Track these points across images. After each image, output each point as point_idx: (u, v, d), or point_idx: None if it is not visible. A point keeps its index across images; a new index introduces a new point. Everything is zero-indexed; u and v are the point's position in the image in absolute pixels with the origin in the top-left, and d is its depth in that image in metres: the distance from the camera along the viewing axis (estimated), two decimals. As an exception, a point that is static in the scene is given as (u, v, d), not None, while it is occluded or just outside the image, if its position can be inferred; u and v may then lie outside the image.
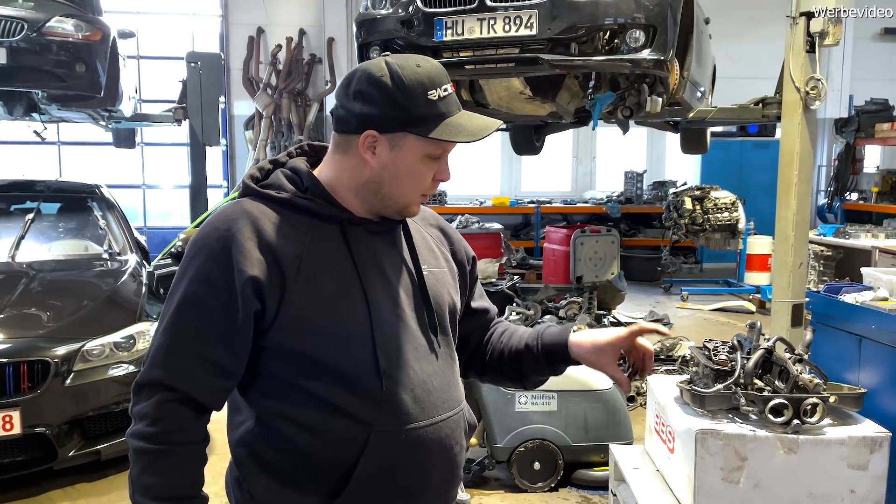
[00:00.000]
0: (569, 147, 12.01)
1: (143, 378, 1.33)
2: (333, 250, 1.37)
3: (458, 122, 1.35)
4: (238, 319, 1.30)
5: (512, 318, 5.41)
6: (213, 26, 10.94)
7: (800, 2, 3.89)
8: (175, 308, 1.33)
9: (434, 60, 1.39)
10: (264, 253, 1.31)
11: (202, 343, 1.31)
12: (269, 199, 1.38)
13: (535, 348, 1.58)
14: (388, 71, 1.33)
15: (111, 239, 5.04)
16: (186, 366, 1.31)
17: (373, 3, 4.45)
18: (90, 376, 3.75)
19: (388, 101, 1.32)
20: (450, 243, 1.60)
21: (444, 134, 1.33)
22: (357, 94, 1.34)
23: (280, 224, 1.35)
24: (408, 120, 1.32)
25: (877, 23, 11.51)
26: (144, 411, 1.31)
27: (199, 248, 1.34)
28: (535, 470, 3.72)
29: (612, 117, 4.92)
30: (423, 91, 1.32)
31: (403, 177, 1.37)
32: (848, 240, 7.73)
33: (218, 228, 1.33)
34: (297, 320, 1.32)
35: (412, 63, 1.34)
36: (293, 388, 1.34)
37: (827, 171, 11.20)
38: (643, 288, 9.65)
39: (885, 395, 3.11)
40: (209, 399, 1.34)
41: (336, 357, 1.33)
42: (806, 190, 4.08)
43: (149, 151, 10.82)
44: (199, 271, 1.32)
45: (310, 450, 1.34)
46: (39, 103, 5.73)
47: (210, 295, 1.31)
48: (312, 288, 1.33)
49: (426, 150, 1.36)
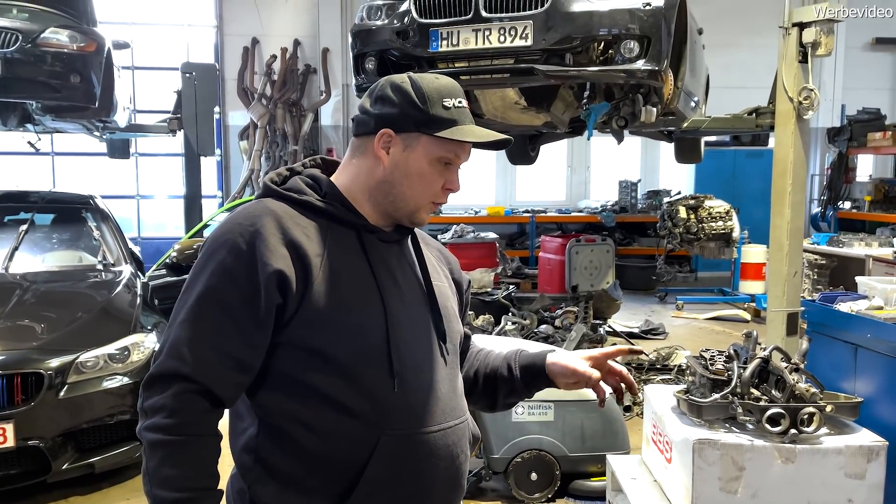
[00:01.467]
0: (563, 156, 12.04)
1: (159, 370, 1.32)
2: (351, 253, 1.42)
3: (468, 128, 1.43)
4: (259, 314, 1.32)
5: (508, 328, 5.41)
6: (208, 37, 10.95)
7: (792, 13, 3.92)
8: (195, 301, 1.33)
9: (451, 79, 1.48)
10: (289, 248, 1.34)
11: (222, 336, 1.32)
12: (290, 200, 1.43)
13: (512, 369, 1.61)
14: (409, 79, 1.43)
15: (105, 250, 5.02)
16: (206, 358, 1.31)
17: (368, 14, 4.46)
18: (84, 388, 3.72)
19: (406, 102, 1.41)
20: (448, 263, 1.65)
21: (456, 135, 1.40)
22: (378, 99, 1.44)
23: (301, 224, 1.39)
24: (423, 121, 1.40)
25: (868, 33, 11.62)
26: (161, 403, 1.30)
27: (221, 243, 1.35)
28: (532, 480, 3.71)
29: (607, 127, 4.94)
30: (439, 97, 1.41)
31: (414, 177, 1.43)
32: (842, 248, 7.77)
33: (242, 224, 1.36)
34: (316, 316, 1.34)
35: (431, 76, 1.46)
36: (305, 387, 1.35)
37: (820, 180, 11.26)
38: (638, 297, 9.66)
39: (881, 404, 3.11)
40: (226, 393, 1.34)
41: (351, 355, 1.35)
42: (800, 199, 4.10)
43: (143, 162, 10.80)
44: (222, 265, 1.33)
45: (319, 452, 1.34)
46: (34, 114, 5.73)
47: (232, 288, 1.32)
48: (332, 286, 1.36)
49: (438, 152, 1.42)
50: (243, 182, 10.29)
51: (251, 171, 10.29)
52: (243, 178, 10.35)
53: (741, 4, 10.59)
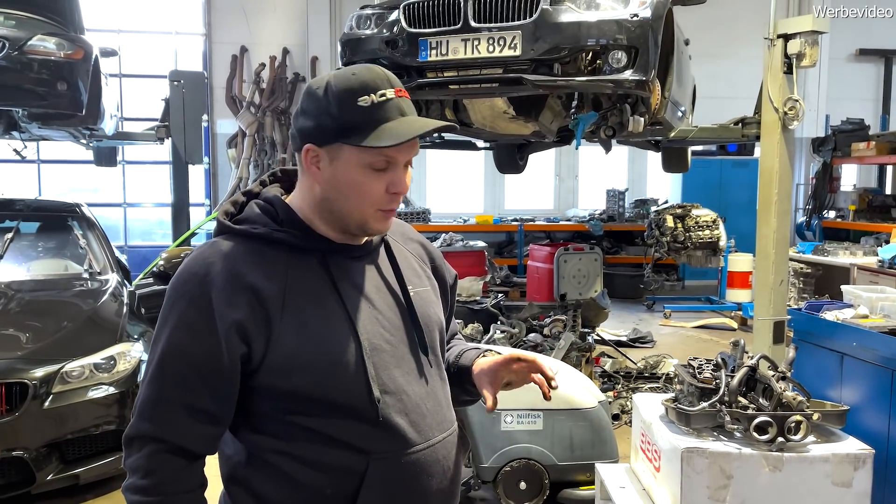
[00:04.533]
0: (551, 165, 12.08)
1: (132, 431, 1.31)
2: (315, 282, 1.34)
3: (392, 127, 1.29)
4: (223, 365, 1.28)
5: (497, 337, 5.41)
6: (197, 45, 10.93)
7: (777, 24, 3.97)
8: (159, 358, 1.31)
9: (378, 67, 1.36)
10: (246, 294, 1.28)
11: (188, 392, 1.29)
12: (244, 235, 1.35)
13: (452, 366, 1.58)
14: (323, 83, 1.31)
15: (92, 258, 4.98)
16: (174, 417, 1.29)
17: (358, 23, 4.47)
18: (69, 398, 3.69)
19: (320, 111, 1.30)
20: (430, 259, 1.58)
21: (375, 140, 1.27)
22: (300, 110, 1.34)
23: (258, 262, 1.32)
24: (339, 130, 1.29)
25: (852, 44, 11.76)
26: (137, 464, 1.29)
27: (179, 295, 1.31)
28: (520, 490, 3.70)
29: (595, 136, 4.96)
30: (352, 98, 1.28)
31: (348, 190, 1.32)
32: (827, 257, 7.84)
33: (196, 273, 1.31)
34: (287, 359, 1.29)
35: (348, 72, 1.32)
36: (287, 424, 1.32)
37: (805, 190, 11.35)
38: (626, 305, 9.69)
39: (867, 412, 3.14)
40: (200, 447, 1.32)
41: (329, 391, 1.31)
42: (785, 208, 4.14)
43: (130, 170, 10.74)
44: (181, 319, 1.30)
45: (309, 482, 1.32)
46: (20, 121, 5.67)
47: (193, 342, 1.29)
48: (298, 324, 1.30)
49: (364, 159, 1.30)
50: (231, 190, 10.26)
51: (239, 180, 10.27)
52: (231, 186, 10.32)
53: (727, 16, 10.69)
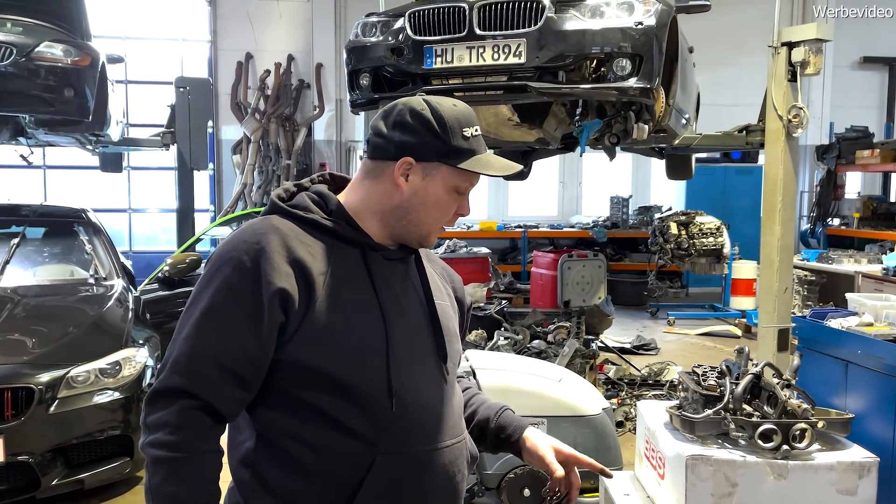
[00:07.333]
0: (555, 172, 12.10)
1: (162, 385, 1.32)
2: (354, 271, 1.42)
3: (486, 159, 1.46)
4: (263, 331, 1.32)
5: (501, 343, 5.41)
6: (202, 51, 10.99)
7: (781, 32, 3.98)
8: (199, 316, 1.34)
9: (465, 104, 1.49)
10: (293, 267, 1.35)
11: (224, 353, 1.32)
12: (295, 217, 1.43)
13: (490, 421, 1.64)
14: (427, 106, 1.44)
15: (97, 264, 5.00)
16: (208, 374, 1.32)
17: (363, 30, 4.49)
18: (74, 403, 3.70)
19: (427, 131, 1.42)
20: (452, 282, 1.66)
21: (476, 167, 1.43)
22: (397, 125, 1.43)
23: (307, 242, 1.40)
24: (445, 152, 1.42)
25: (856, 52, 11.77)
26: (164, 419, 1.30)
27: (225, 260, 1.36)
28: (524, 496, 3.70)
29: (599, 143, 4.97)
30: (459, 127, 1.43)
31: (431, 205, 1.45)
32: (831, 265, 7.83)
33: (247, 241, 1.36)
34: (317, 335, 1.35)
35: (449, 103, 1.46)
36: (302, 405, 1.36)
37: (809, 197, 11.35)
38: (630, 312, 9.68)
39: (871, 420, 3.13)
40: (228, 409, 1.35)
41: (350, 375, 1.35)
42: (790, 215, 4.14)
43: (135, 175, 10.78)
44: (226, 282, 1.34)
45: (315, 469, 1.35)
46: (27, 127, 5.71)
47: (236, 306, 1.33)
48: (334, 305, 1.36)
49: (455, 182, 1.45)
50: (236, 196, 10.29)
51: (244, 186, 10.29)
52: (236, 192, 10.35)
53: (731, 24, 10.71)
